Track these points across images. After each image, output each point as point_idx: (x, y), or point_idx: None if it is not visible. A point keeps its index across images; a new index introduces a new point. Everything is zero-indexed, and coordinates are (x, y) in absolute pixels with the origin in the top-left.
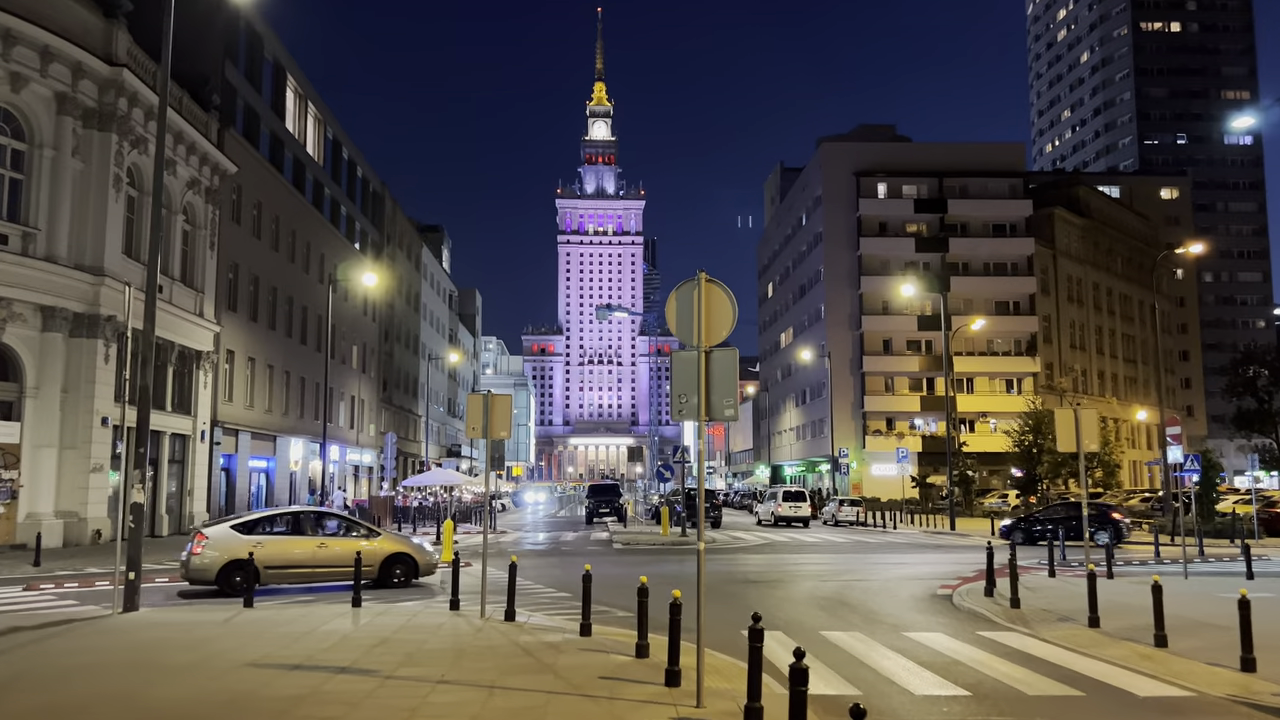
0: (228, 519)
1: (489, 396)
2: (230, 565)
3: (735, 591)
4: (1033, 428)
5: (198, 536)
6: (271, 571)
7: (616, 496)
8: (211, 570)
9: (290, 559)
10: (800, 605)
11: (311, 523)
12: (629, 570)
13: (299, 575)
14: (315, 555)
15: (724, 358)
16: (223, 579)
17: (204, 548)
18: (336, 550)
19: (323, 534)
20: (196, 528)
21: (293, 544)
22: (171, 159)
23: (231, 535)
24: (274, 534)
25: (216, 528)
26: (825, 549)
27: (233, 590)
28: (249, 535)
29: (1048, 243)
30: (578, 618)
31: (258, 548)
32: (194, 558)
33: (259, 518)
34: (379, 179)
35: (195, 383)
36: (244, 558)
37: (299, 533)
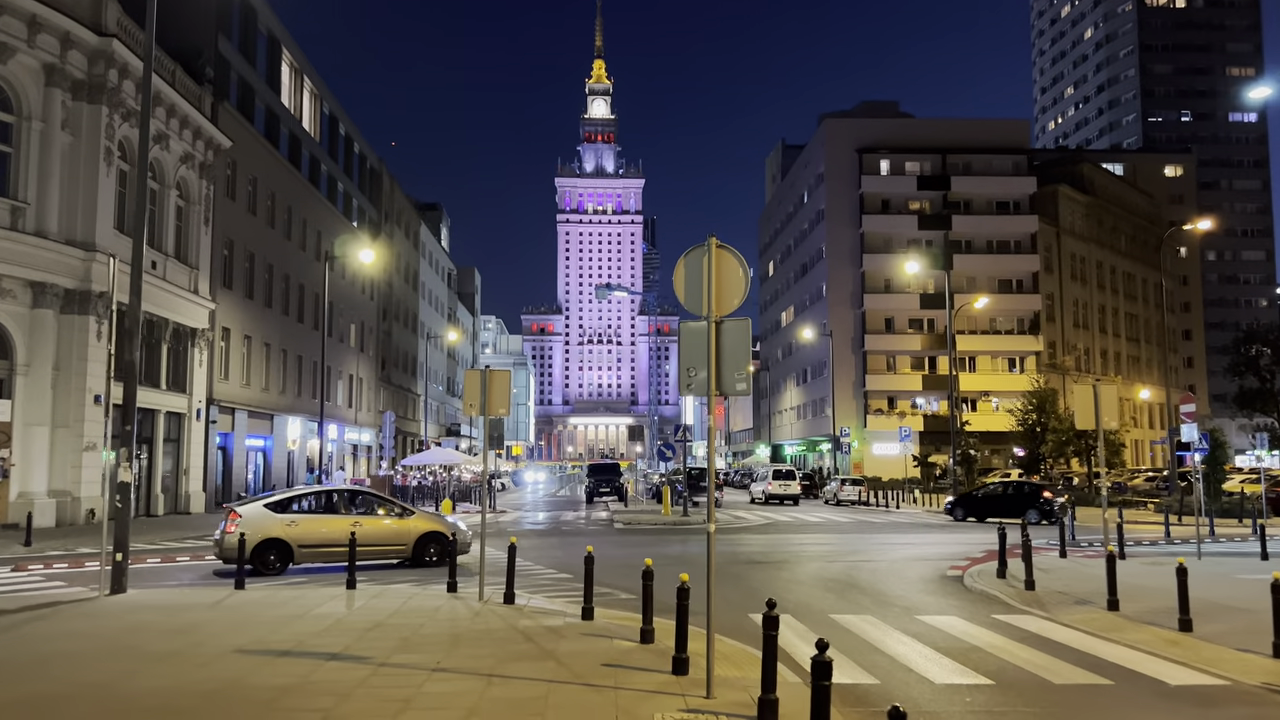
0: (260, 497)
1: (487, 372)
2: (264, 544)
3: (740, 573)
4: (1036, 406)
5: (231, 515)
6: (305, 550)
7: (617, 476)
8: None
9: (324, 538)
10: (808, 587)
11: (345, 501)
12: (631, 551)
13: (332, 554)
14: (349, 534)
15: (735, 329)
16: (256, 558)
17: (237, 526)
18: (370, 529)
19: (356, 512)
20: (229, 506)
21: (326, 523)
22: (164, 133)
23: (265, 514)
24: (307, 512)
25: (249, 506)
26: (829, 529)
27: (267, 569)
28: (282, 514)
29: (1051, 220)
30: (579, 600)
31: (291, 526)
32: (227, 536)
33: (292, 496)
34: (376, 155)
35: (190, 360)
36: (277, 536)
37: (332, 511)
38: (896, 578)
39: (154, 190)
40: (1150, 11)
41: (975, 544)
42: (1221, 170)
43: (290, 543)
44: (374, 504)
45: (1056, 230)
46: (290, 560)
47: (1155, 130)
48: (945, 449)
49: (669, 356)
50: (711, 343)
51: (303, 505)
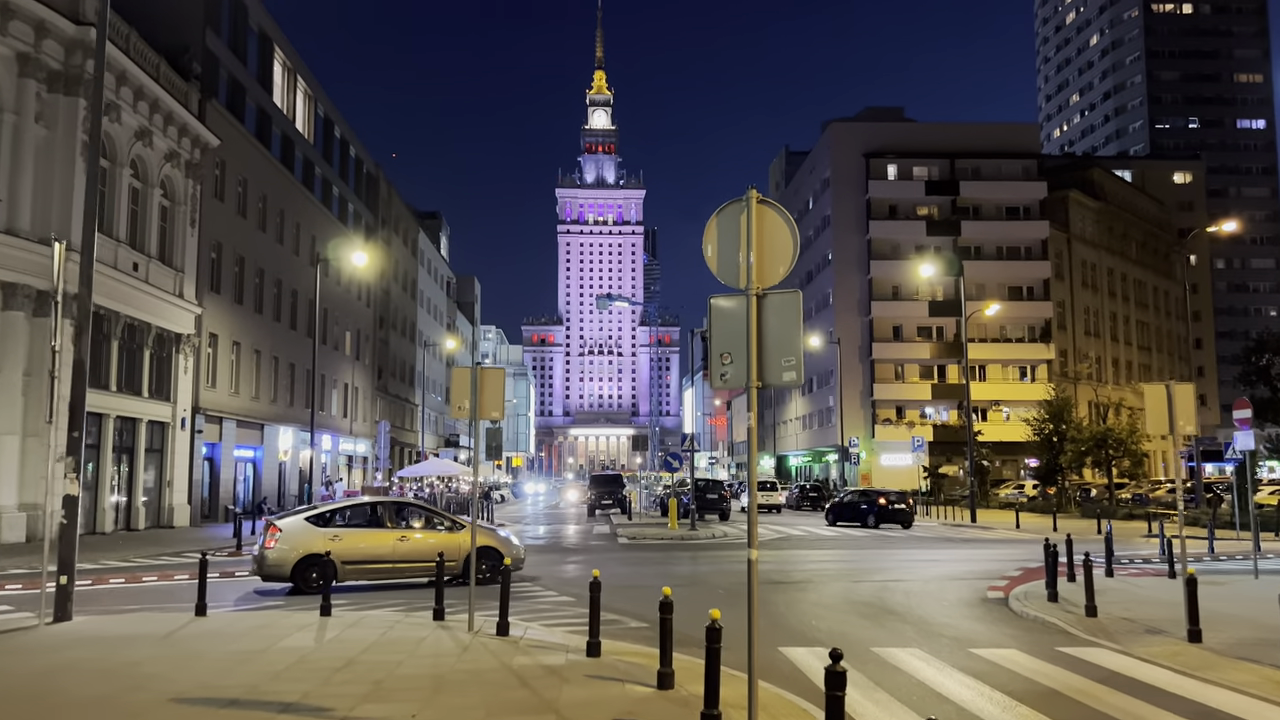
0: (301, 510)
1: (478, 370)
2: (306, 560)
3: (761, 595)
4: (1053, 416)
5: (270, 529)
6: (349, 567)
7: (620, 487)
8: (285, 566)
9: (369, 553)
10: (839, 613)
11: (391, 514)
12: (637, 570)
13: (378, 571)
14: (395, 549)
15: (782, 304)
16: (298, 575)
17: (277, 541)
18: (418, 544)
19: (403, 526)
20: (269, 520)
21: (371, 537)
22: (147, 128)
23: (306, 528)
24: (351, 526)
25: (290, 520)
26: (845, 543)
27: (309, 588)
28: (325, 527)
29: (1061, 226)
30: (583, 629)
31: (334, 541)
32: (267, 552)
33: (335, 509)
34: (373, 161)
35: (175, 367)
36: (320, 552)
37: (378, 525)
38: (934, 600)
39: (136, 189)
40: (1157, 18)
41: (1006, 560)
42: (1230, 177)
43: (334, 558)
44: (422, 517)
45: (1067, 236)
46: (334, 578)
47: (1163, 137)
48: (956, 459)
49: (670, 367)
50: (752, 322)
51: (345, 518)
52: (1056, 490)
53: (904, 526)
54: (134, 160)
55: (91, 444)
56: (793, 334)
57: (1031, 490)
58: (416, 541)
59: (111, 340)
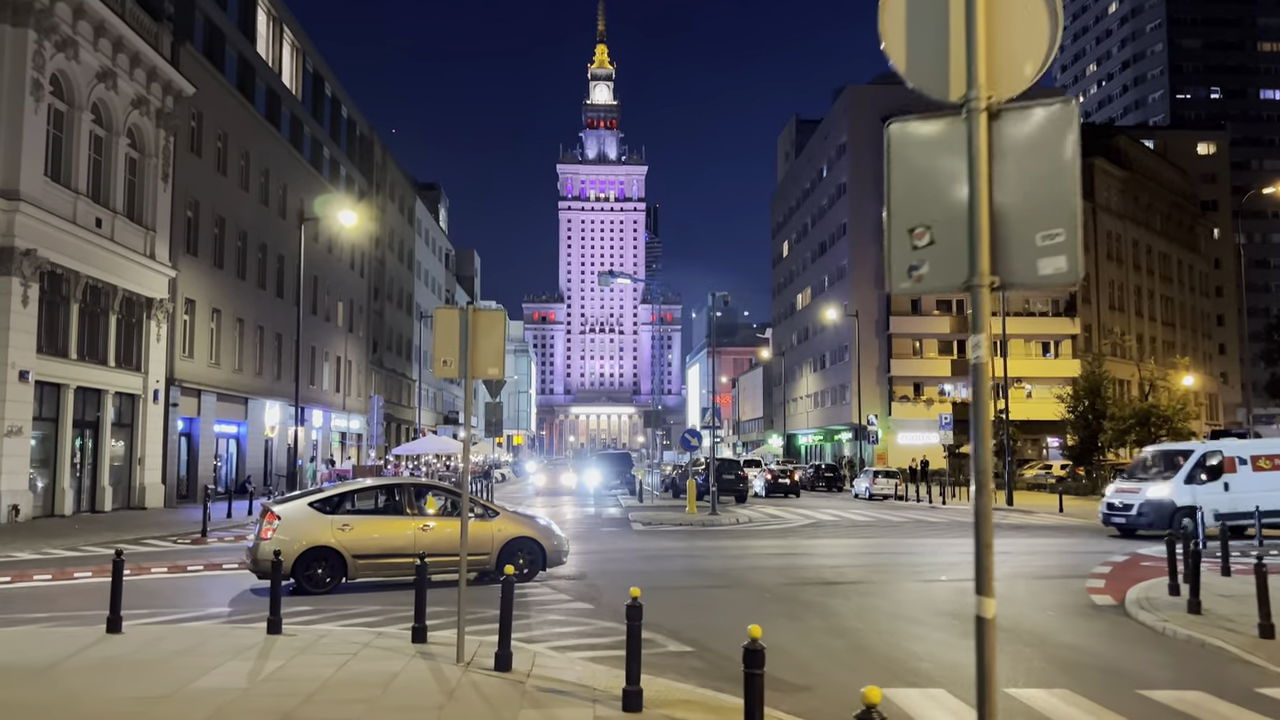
0: (305, 494)
1: (470, 313)
2: (309, 554)
3: (819, 601)
4: (1088, 391)
5: (267, 516)
6: (362, 562)
7: (628, 467)
8: (285, 560)
9: (385, 545)
10: (929, 627)
11: (411, 498)
12: (660, 564)
13: (396, 566)
14: (417, 541)
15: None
16: (301, 571)
17: (275, 531)
18: (444, 533)
19: (425, 513)
20: (265, 505)
21: (388, 525)
22: (109, 69)
23: (310, 515)
24: (363, 512)
25: (290, 505)
26: (884, 530)
27: (314, 585)
28: (332, 514)
29: (1086, 195)
30: (607, 654)
31: (344, 530)
32: (263, 544)
33: (344, 491)
34: (367, 122)
35: (146, 334)
36: (327, 544)
37: (395, 511)
38: (1034, 609)
39: (98, 137)
40: None
41: (1078, 551)
42: (1253, 149)
43: (343, 552)
44: (448, 501)
45: (1093, 206)
46: (344, 574)
47: (1184, 108)
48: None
49: (672, 346)
50: (980, 158)
51: (357, 503)
52: (1089, 470)
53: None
54: (95, 105)
55: (48, 417)
56: (1063, 182)
57: (1060, 470)
58: (441, 531)
59: (70, 303)
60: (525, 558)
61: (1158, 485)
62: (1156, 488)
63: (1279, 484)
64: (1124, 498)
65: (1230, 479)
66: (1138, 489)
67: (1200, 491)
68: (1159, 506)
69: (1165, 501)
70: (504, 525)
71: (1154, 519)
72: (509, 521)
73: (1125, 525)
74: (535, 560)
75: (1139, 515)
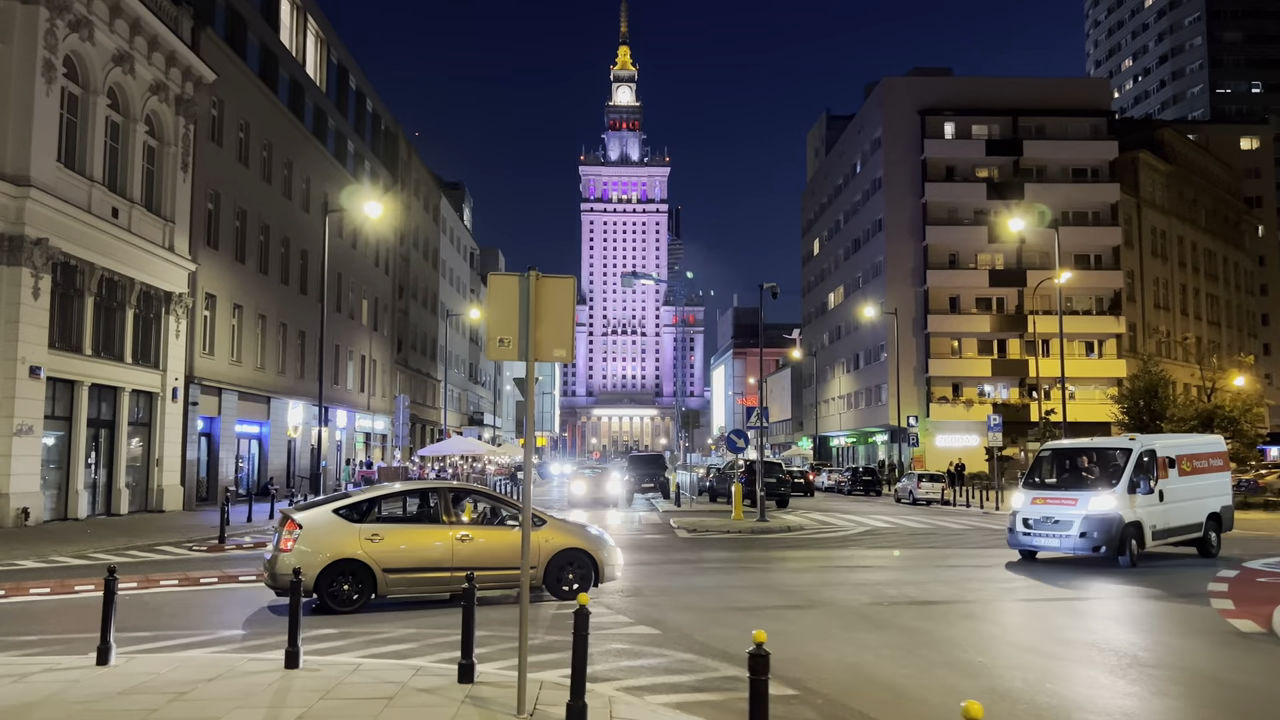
0: (329, 500)
1: (530, 280)
2: (334, 567)
3: (914, 626)
4: (1144, 390)
5: (287, 525)
6: (393, 577)
7: (661, 469)
8: (307, 575)
9: (420, 558)
10: (1074, 664)
11: (448, 504)
12: (722, 578)
13: (431, 581)
14: (455, 553)
15: None
16: (324, 587)
17: (295, 541)
18: (485, 544)
19: (462, 521)
20: (285, 512)
21: (422, 535)
22: (126, 52)
23: (335, 523)
24: (395, 520)
25: (313, 512)
26: (948, 539)
27: (339, 603)
28: (360, 523)
29: (1131, 190)
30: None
31: (373, 541)
32: (282, 556)
33: (372, 497)
34: (392, 117)
35: (164, 330)
36: (354, 556)
37: (430, 519)
38: (1173, 635)
39: (115, 123)
40: None
41: (1182, 566)
42: None
43: (372, 565)
44: (488, 508)
45: (1137, 201)
46: (372, 590)
47: (1224, 102)
48: (1021, 441)
49: (694, 348)
50: None
51: (388, 510)
52: None
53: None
54: (111, 89)
55: (61, 416)
56: None
57: None
58: (482, 541)
59: (85, 296)
60: (575, 572)
61: (1100, 496)
62: (1099, 499)
63: (1200, 492)
64: (1055, 512)
65: (1164, 485)
66: (1073, 500)
67: (1140, 502)
68: (1106, 524)
69: (1113, 516)
70: (551, 535)
71: (1102, 540)
72: (557, 531)
73: (1059, 548)
74: (586, 575)
75: (1082, 536)
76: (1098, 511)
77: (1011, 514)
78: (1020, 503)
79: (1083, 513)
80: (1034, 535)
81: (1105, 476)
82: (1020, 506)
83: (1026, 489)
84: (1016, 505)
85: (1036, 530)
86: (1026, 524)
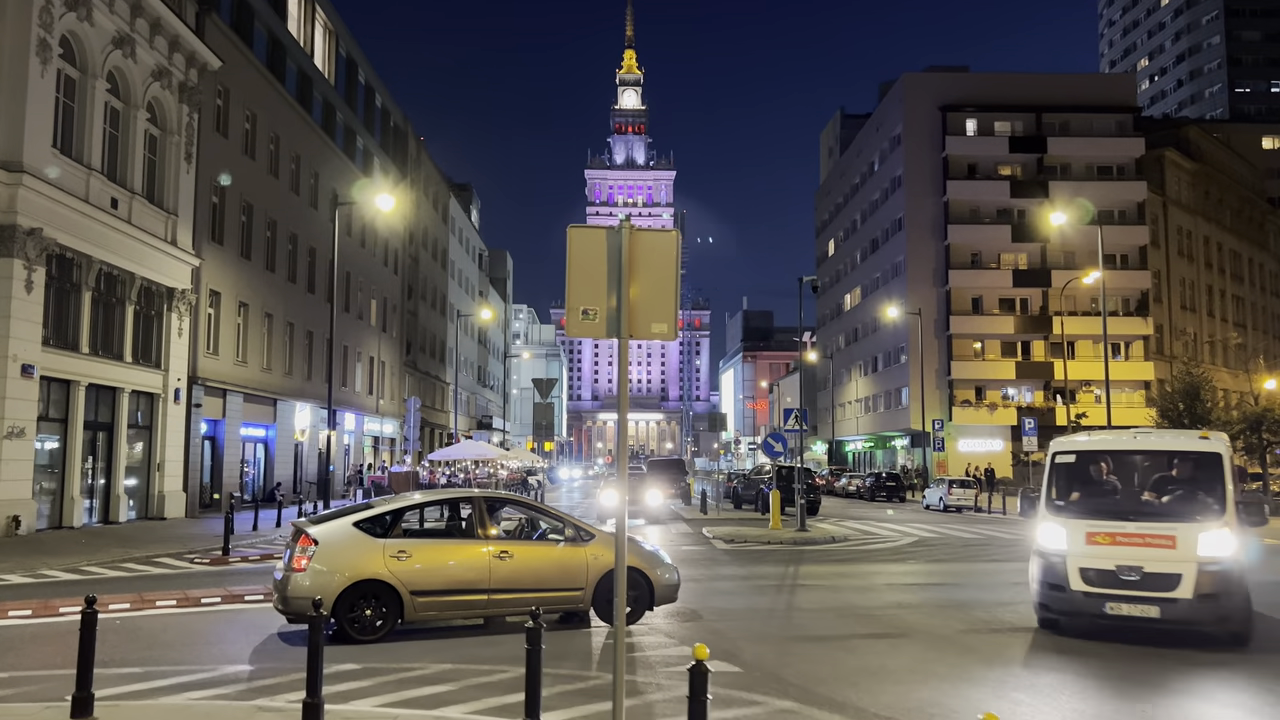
0: (348, 511)
1: (624, 234)
2: (355, 590)
3: (1031, 660)
4: (1184, 393)
5: (301, 540)
6: (422, 600)
7: (682, 475)
8: (325, 597)
9: (453, 578)
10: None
11: (483, 515)
12: (782, 599)
13: (466, 605)
14: (492, 572)
15: None
16: (344, 611)
17: (311, 559)
18: (526, 562)
19: (500, 535)
20: (298, 525)
21: (455, 551)
22: (127, 35)
23: (356, 538)
24: (422, 535)
25: (330, 526)
26: (1005, 550)
27: (362, 630)
28: (385, 538)
29: (1157, 189)
30: None
31: (400, 559)
32: (295, 576)
33: (398, 508)
34: (401, 113)
35: (166, 328)
36: (378, 576)
37: (464, 534)
38: None
39: (115, 109)
40: None
41: None
42: None
43: (399, 586)
44: (527, 519)
45: (1163, 200)
46: (399, 615)
47: (1243, 102)
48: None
49: (700, 352)
50: None
51: (414, 522)
52: None
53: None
54: (111, 73)
55: (56, 418)
56: None
57: None
58: (523, 558)
59: (82, 291)
60: (628, 593)
61: (1213, 533)
62: (1214, 539)
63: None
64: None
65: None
66: (1168, 538)
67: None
68: (1228, 580)
69: (1232, 566)
70: (600, 551)
71: (1229, 607)
72: (606, 546)
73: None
74: (640, 596)
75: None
76: (1215, 557)
77: (1048, 558)
78: (1067, 540)
79: (1191, 559)
80: (1109, 598)
81: (1189, 498)
82: (1071, 547)
83: (1064, 516)
84: (1057, 543)
85: (1111, 588)
86: (1092, 578)
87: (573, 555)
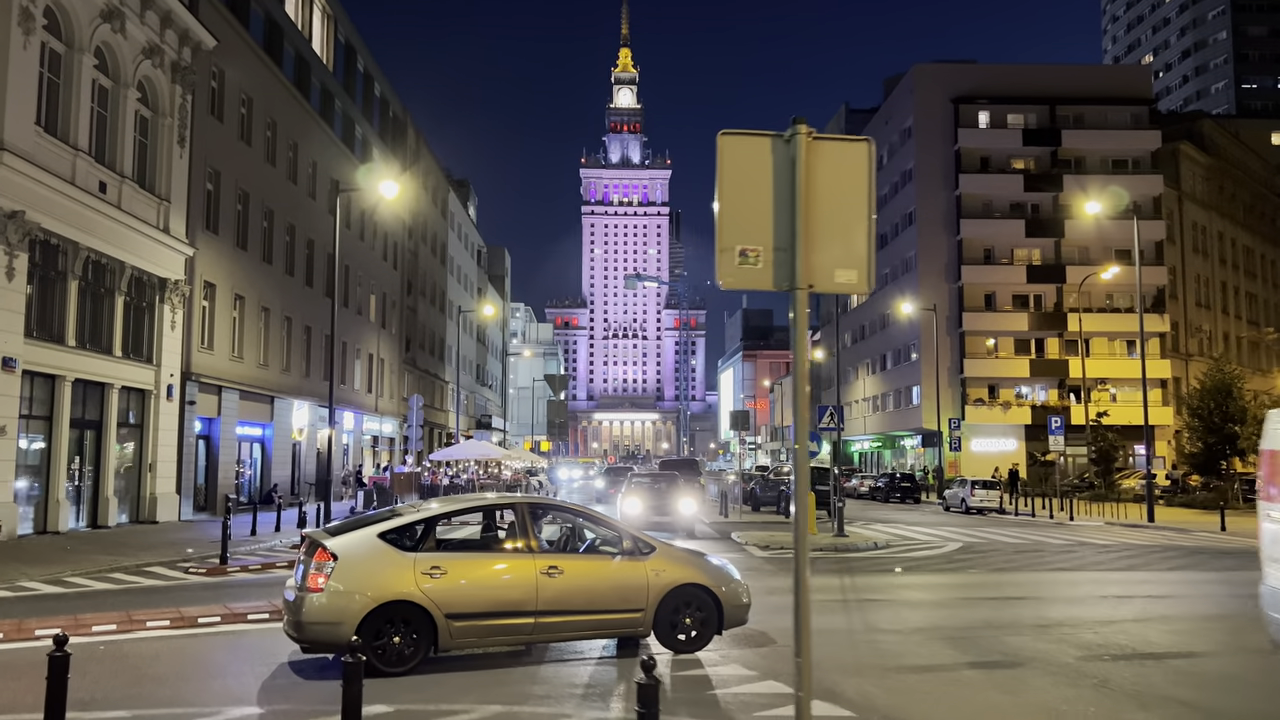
0: (371, 520)
1: (801, 143)
2: (381, 613)
3: (1186, 699)
4: (1214, 390)
5: (317, 555)
6: (459, 624)
7: (696, 476)
8: (346, 622)
9: (495, 598)
10: None
11: (526, 523)
12: (857, 618)
13: (510, 630)
14: (541, 590)
15: None
16: (368, 638)
17: (329, 577)
18: (578, 579)
19: (545, 547)
20: (313, 536)
21: (495, 567)
22: (118, 8)
23: (381, 552)
24: (458, 547)
25: (351, 538)
26: (1061, 557)
27: (387, 662)
28: (415, 552)
29: (1171, 183)
30: None
31: (433, 576)
32: (311, 598)
33: (429, 516)
34: (400, 103)
35: (158, 321)
36: (408, 597)
37: (505, 546)
38: None
39: (103, 87)
40: None
41: None
42: None
43: (432, 609)
44: (575, 531)
45: (1178, 194)
46: (433, 643)
47: (1250, 98)
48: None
49: (696, 351)
50: None
51: (446, 531)
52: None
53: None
54: (99, 49)
55: (40, 415)
56: None
57: (1164, 480)
58: (574, 575)
59: (68, 279)
60: (693, 615)
61: None
62: None
63: None
64: None
65: None
66: None
67: None
68: None
69: None
70: (662, 565)
71: None
72: (669, 560)
73: None
74: (708, 618)
75: None
76: None
77: None
78: None
79: None
80: None
81: None
82: None
83: None
84: None
85: None
86: None
87: (631, 571)
